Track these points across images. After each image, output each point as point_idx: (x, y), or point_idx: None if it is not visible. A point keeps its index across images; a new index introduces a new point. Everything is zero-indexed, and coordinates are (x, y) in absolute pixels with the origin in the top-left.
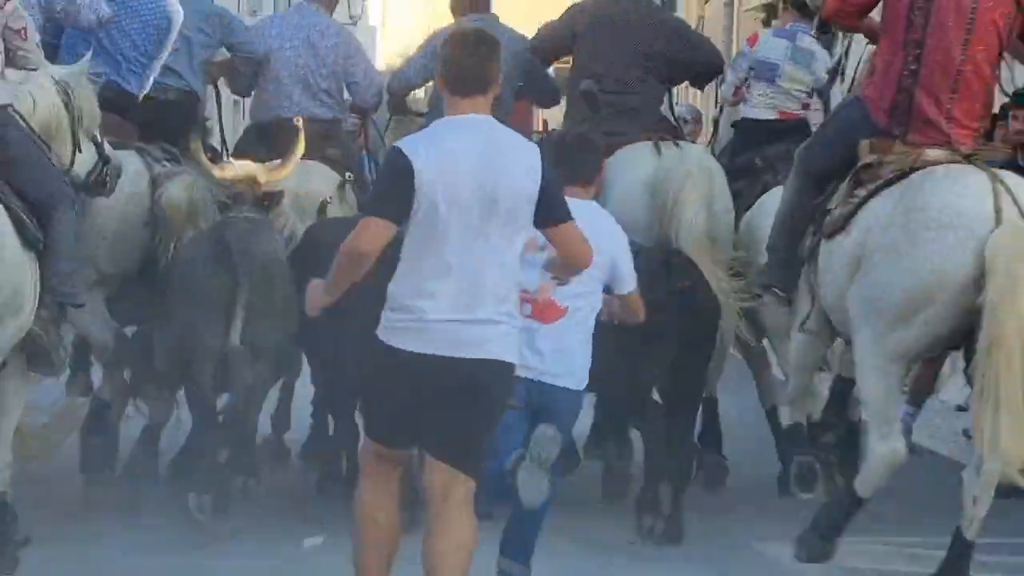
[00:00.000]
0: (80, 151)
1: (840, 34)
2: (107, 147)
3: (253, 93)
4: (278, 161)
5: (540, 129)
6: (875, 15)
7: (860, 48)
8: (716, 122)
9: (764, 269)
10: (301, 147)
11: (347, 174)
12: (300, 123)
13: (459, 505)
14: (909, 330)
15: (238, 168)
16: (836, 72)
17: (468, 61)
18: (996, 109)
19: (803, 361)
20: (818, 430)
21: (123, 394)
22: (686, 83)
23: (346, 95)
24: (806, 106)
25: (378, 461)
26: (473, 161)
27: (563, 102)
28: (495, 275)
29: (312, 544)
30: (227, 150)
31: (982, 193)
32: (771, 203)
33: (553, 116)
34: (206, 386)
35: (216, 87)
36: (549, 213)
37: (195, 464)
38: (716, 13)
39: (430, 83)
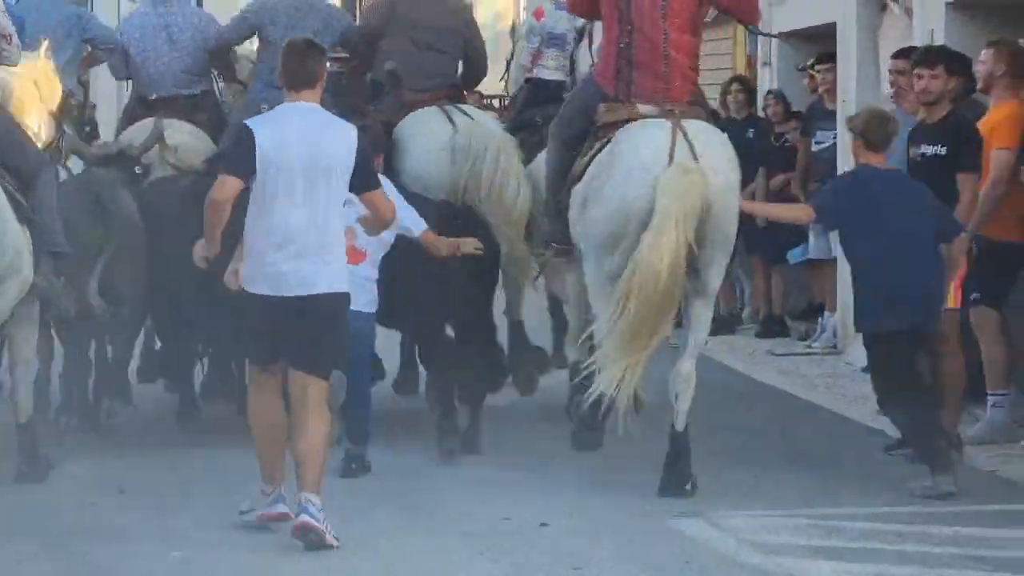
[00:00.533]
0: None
1: None
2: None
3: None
4: None
5: None
6: None
7: None
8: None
9: (543, 226)
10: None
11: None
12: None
13: (315, 404)
14: (614, 257)
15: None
16: (583, 34)
17: (299, 64)
18: None
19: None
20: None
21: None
22: None
23: None
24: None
25: (258, 376)
26: (301, 138)
27: None
28: (318, 228)
29: None
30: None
31: (661, 140)
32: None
33: None
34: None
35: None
36: (363, 183)
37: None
38: None
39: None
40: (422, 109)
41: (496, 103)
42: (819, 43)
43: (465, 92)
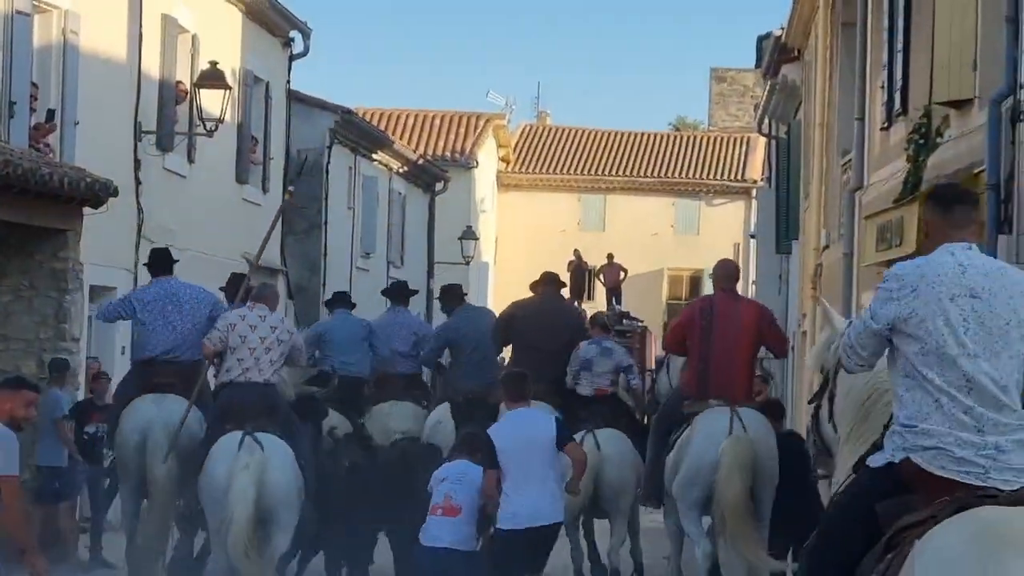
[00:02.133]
0: None
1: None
2: None
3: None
4: None
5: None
6: None
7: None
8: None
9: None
10: None
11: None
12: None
13: None
14: (694, 491)
15: None
16: (662, 364)
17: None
18: None
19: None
20: None
21: None
22: None
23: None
24: (613, 383)
25: None
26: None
27: None
28: None
29: None
30: None
31: (718, 420)
32: None
33: None
34: None
35: None
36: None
37: None
38: (835, 264)
39: None
40: None
41: None
42: None
43: None
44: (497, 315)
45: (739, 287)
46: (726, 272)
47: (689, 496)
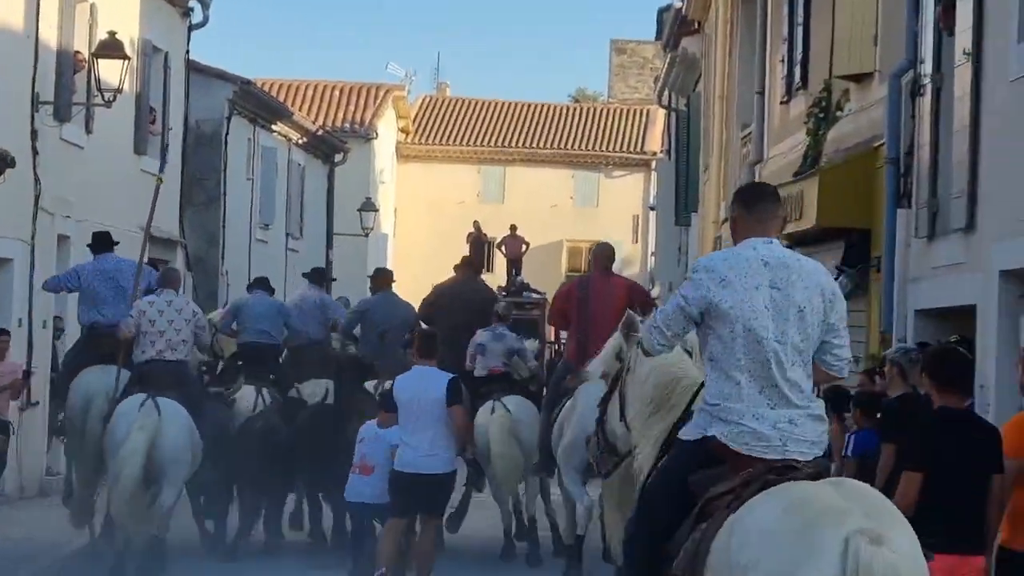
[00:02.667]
0: None
1: None
2: None
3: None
4: None
5: None
6: None
7: None
8: None
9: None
10: None
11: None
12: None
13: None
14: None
15: None
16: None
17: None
18: None
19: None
20: None
21: None
22: None
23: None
24: (506, 364)
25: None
26: None
27: None
28: None
29: None
30: None
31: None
32: None
33: None
34: None
35: None
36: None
37: None
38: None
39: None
40: None
41: None
42: (955, 323)
43: None
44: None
45: (639, 257)
46: (603, 253)
47: (572, 462)
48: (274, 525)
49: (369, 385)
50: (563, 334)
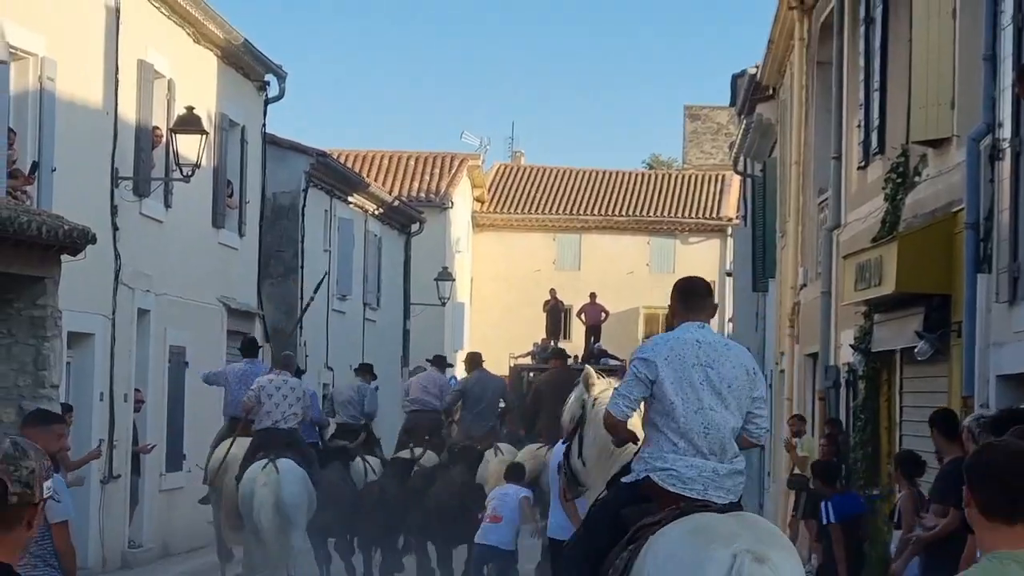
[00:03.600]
0: None
1: None
2: None
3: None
4: None
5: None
6: None
7: None
8: None
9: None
10: None
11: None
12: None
13: None
14: None
15: None
16: None
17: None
18: None
19: None
20: None
21: None
22: None
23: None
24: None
25: None
26: None
27: None
28: None
29: None
30: None
31: None
32: None
33: None
34: None
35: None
36: None
37: None
38: (812, 302)
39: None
40: None
41: None
42: None
43: None
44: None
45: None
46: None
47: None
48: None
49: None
50: None
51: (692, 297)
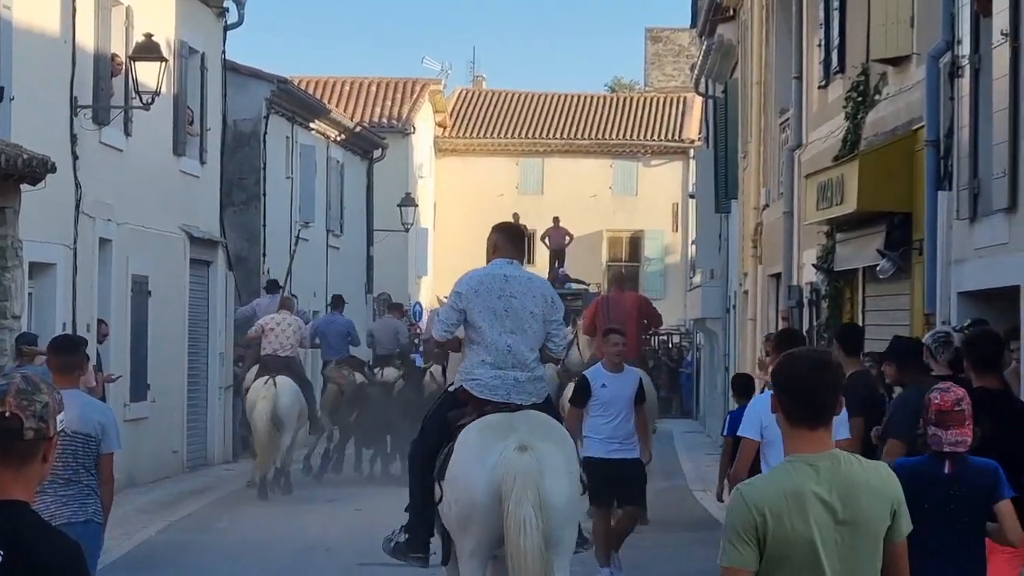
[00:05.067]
0: None
1: None
2: None
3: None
4: None
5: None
6: None
7: None
8: None
9: None
10: None
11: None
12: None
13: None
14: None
15: None
16: None
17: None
18: None
19: None
20: None
21: None
22: None
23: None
24: None
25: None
26: None
27: None
28: None
29: None
30: None
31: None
32: None
33: None
34: None
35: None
36: None
37: None
38: (775, 222)
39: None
40: None
41: None
42: (999, 304)
43: None
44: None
45: (679, 245)
46: (617, 277)
47: None
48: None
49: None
50: None
51: (507, 239)
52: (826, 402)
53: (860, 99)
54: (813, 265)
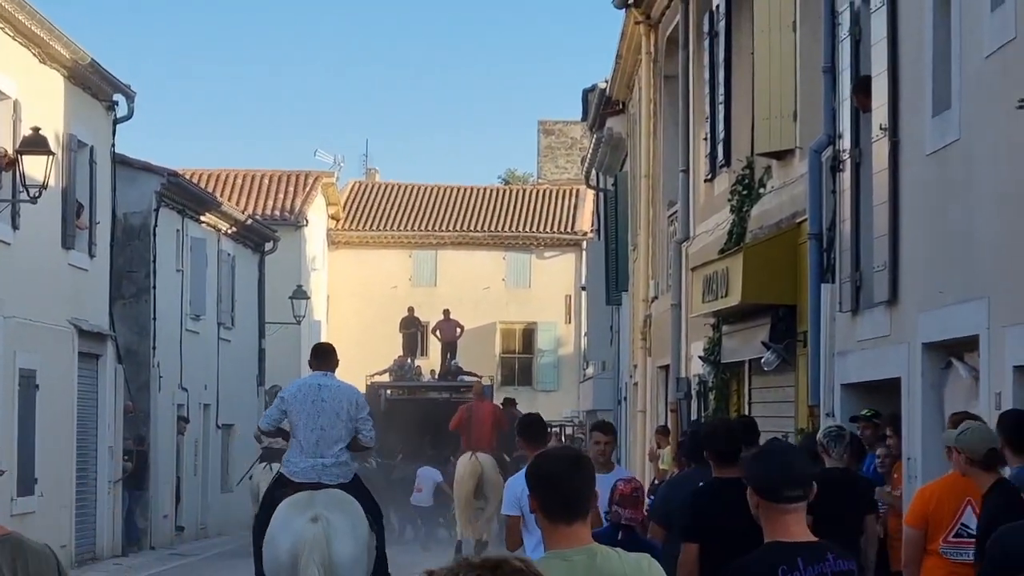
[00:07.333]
0: None
1: None
2: None
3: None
4: None
5: None
6: None
7: None
8: None
9: None
10: None
11: None
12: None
13: None
14: None
15: None
16: None
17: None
18: None
19: None
20: None
21: None
22: None
23: None
24: None
25: None
26: None
27: None
28: None
29: None
30: None
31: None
32: None
33: None
34: None
35: None
36: None
37: None
38: (664, 314)
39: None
40: None
41: None
42: (882, 396)
43: None
44: None
45: (572, 337)
46: (477, 391)
47: None
48: None
49: None
50: None
51: (320, 355)
52: (581, 497)
53: (745, 192)
54: (700, 357)
